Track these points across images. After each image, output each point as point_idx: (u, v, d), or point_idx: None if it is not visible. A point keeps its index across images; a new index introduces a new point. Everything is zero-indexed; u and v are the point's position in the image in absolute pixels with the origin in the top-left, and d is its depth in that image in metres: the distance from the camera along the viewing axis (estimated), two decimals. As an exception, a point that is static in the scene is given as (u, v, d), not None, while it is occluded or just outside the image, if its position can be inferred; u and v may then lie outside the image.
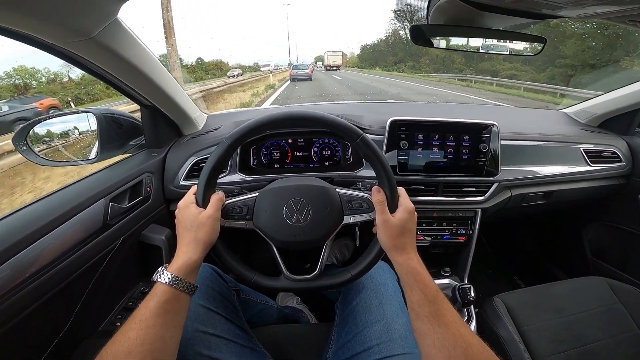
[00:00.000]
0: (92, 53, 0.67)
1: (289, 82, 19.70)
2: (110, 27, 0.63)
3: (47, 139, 0.93)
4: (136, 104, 0.95)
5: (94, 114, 0.90)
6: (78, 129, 0.96)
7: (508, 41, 0.87)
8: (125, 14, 0.65)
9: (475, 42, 0.86)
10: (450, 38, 0.86)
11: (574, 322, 0.88)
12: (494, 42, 0.87)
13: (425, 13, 0.79)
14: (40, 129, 0.90)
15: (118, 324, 0.84)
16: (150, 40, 0.77)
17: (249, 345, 0.70)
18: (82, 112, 0.92)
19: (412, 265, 0.56)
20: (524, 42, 0.87)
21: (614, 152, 1.21)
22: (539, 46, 0.87)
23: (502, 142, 1.05)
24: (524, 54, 0.91)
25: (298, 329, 0.94)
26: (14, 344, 0.60)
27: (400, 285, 0.67)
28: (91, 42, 0.62)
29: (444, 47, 0.87)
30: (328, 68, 35.83)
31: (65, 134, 0.96)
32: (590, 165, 1.17)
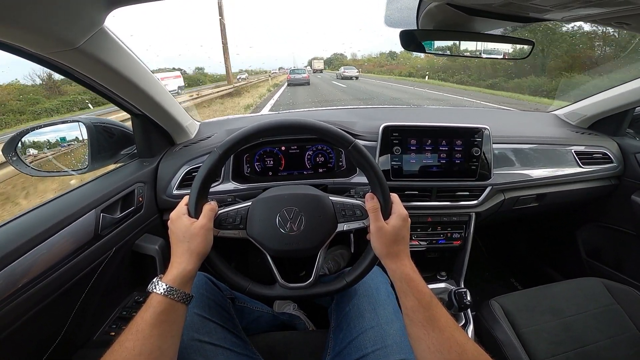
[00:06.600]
0: (78, 63, 0.66)
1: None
2: (96, 36, 0.62)
3: (38, 149, 0.92)
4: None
5: (84, 123, 0.89)
6: (68, 139, 0.94)
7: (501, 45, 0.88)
8: (112, 23, 0.64)
9: (474, 47, 0.87)
10: (453, 43, 0.87)
11: (572, 324, 0.88)
12: (490, 46, 0.88)
13: (415, 18, 0.80)
14: (30, 139, 0.89)
15: (112, 333, 0.84)
16: (138, 49, 0.76)
17: (246, 352, 0.70)
18: (72, 121, 0.91)
19: (405, 271, 0.56)
20: (514, 45, 0.89)
21: (605, 154, 1.22)
22: (527, 49, 0.88)
23: (494, 145, 1.06)
24: (515, 57, 0.92)
25: (295, 336, 0.93)
26: (7, 355, 0.60)
27: (393, 290, 0.68)
28: (77, 51, 0.61)
29: (442, 53, 0.88)
30: (314, 71, 54.07)
31: (55, 144, 0.94)
32: (581, 167, 1.18)
